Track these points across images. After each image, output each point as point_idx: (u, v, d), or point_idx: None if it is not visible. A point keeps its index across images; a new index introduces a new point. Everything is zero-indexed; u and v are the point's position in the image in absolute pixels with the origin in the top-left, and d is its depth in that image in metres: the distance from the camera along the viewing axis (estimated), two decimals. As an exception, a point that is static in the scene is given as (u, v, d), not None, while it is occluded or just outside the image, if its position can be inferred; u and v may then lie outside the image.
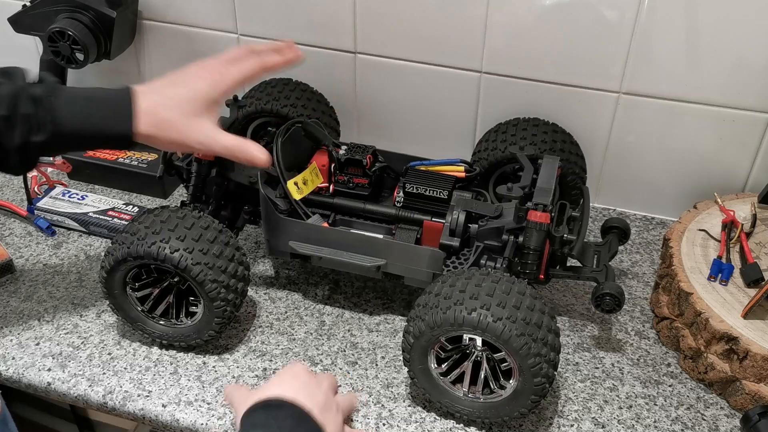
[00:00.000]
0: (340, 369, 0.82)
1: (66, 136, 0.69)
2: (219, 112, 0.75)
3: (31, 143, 0.68)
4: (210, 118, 0.74)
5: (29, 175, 1.03)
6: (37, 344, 0.84)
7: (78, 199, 1.04)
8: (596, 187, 1.08)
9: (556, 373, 0.70)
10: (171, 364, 0.82)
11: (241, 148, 0.74)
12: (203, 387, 0.79)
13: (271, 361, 0.83)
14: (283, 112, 0.98)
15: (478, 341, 0.71)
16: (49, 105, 0.68)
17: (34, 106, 0.67)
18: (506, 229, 0.78)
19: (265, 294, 0.92)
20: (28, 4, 1.10)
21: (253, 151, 0.74)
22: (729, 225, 0.88)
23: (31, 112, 0.67)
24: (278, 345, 0.85)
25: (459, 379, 0.75)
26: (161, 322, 0.82)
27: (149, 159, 1.10)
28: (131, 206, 1.03)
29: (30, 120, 0.67)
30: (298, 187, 0.84)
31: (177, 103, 0.72)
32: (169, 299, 0.82)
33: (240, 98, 0.91)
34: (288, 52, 0.79)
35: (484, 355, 0.72)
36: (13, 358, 0.82)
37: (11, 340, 0.85)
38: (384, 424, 0.76)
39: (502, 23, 0.98)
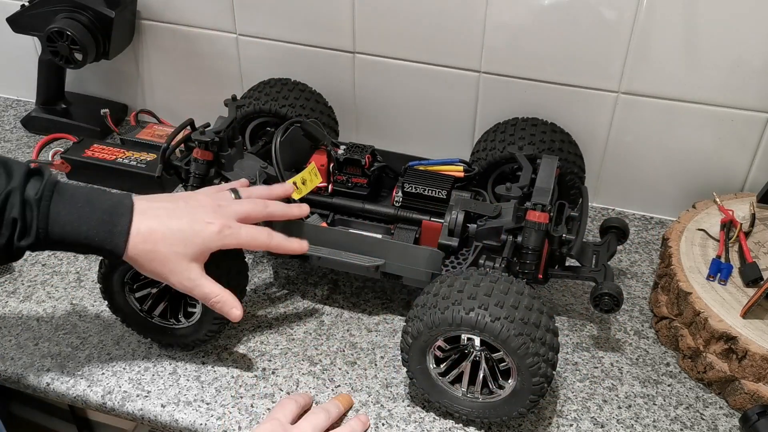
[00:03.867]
0: (339, 369, 0.82)
1: (53, 242, 0.67)
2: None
3: (15, 245, 0.66)
4: (200, 264, 0.71)
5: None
6: (36, 344, 0.84)
7: (77, 199, 1.04)
8: (595, 187, 1.08)
9: (554, 372, 0.70)
10: (170, 364, 0.82)
11: (219, 299, 0.72)
12: (202, 387, 0.79)
13: (270, 361, 0.83)
14: (281, 112, 0.98)
15: (477, 341, 0.71)
16: (42, 211, 0.65)
17: (25, 211, 0.65)
18: (505, 229, 0.78)
19: (264, 294, 0.92)
20: (26, 4, 1.10)
21: (230, 307, 0.73)
22: (728, 224, 0.88)
23: (20, 217, 0.65)
24: (277, 345, 0.85)
25: (457, 379, 0.74)
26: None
27: (148, 159, 1.10)
28: (130, 206, 1.03)
29: (17, 224, 0.65)
30: (297, 187, 0.84)
31: (175, 240, 0.69)
32: (167, 299, 0.82)
33: (238, 98, 0.91)
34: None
35: (483, 354, 0.72)
36: (12, 359, 0.82)
37: (10, 341, 0.84)
38: (383, 424, 0.76)
39: (501, 23, 0.98)
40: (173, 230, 0.69)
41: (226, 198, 0.76)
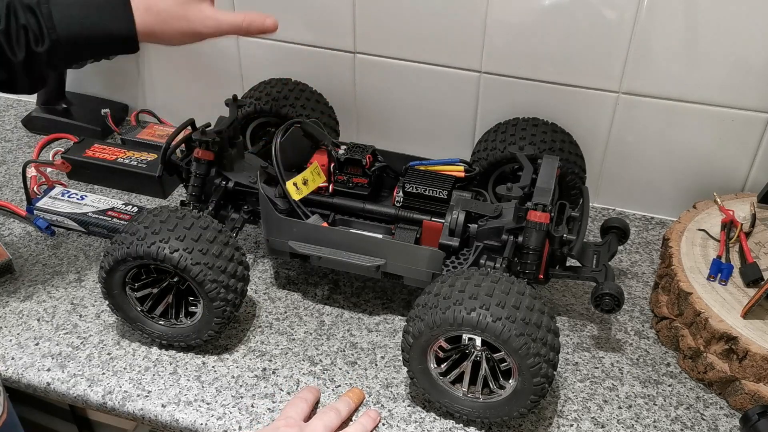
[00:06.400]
0: (340, 369, 0.82)
1: (68, 43, 0.69)
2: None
3: (35, 55, 0.68)
4: (206, 1, 0.75)
5: (28, 175, 1.03)
6: (37, 344, 0.84)
7: (77, 199, 1.04)
8: (596, 187, 1.08)
9: (555, 373, 0.70)
10: (170, 364, 0.82)
11: (248, 20, 0.76)
12: (203, 387, 0.79)
13: (270, 361, 0.83)
14: (282, 112, 0.98)
15: (478, 341, 0.71)
16: (45, 12, 0.68)
17: (30, 16, 0.68)
18: (506, 229, 0.78)
19: (264, 294, 0.92)
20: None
21: (261, 21, 0.77)
22: (728, 225, 0.88)
23: (28, 22, 0.67)
24: (278, 345, 0.85)
25: (458, 379, 0.75)
26: (161, 322, 0.82)
27: (149, 159, 1.10)
28: (130, 206, 1.03)
29: (28, 30, 0.68)
30: (298, 188, 0.84)
31: None
32: (168, 299, 0.82)
33: (239, 98, 0.91)
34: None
35: (484, 354, 0.72)
36: (13, 358, 0.82)
37: (10, 341, 0.84)
38: (383, 424, 0.76)
39: (502, 23, 0.98)
40: None
41: None
